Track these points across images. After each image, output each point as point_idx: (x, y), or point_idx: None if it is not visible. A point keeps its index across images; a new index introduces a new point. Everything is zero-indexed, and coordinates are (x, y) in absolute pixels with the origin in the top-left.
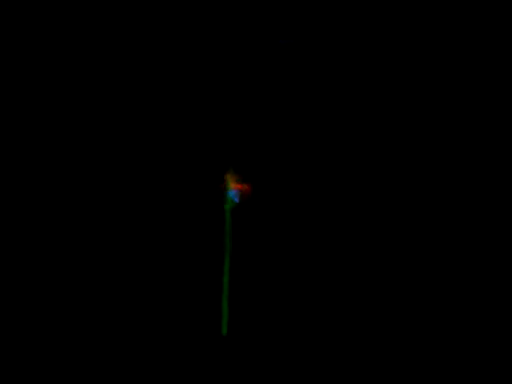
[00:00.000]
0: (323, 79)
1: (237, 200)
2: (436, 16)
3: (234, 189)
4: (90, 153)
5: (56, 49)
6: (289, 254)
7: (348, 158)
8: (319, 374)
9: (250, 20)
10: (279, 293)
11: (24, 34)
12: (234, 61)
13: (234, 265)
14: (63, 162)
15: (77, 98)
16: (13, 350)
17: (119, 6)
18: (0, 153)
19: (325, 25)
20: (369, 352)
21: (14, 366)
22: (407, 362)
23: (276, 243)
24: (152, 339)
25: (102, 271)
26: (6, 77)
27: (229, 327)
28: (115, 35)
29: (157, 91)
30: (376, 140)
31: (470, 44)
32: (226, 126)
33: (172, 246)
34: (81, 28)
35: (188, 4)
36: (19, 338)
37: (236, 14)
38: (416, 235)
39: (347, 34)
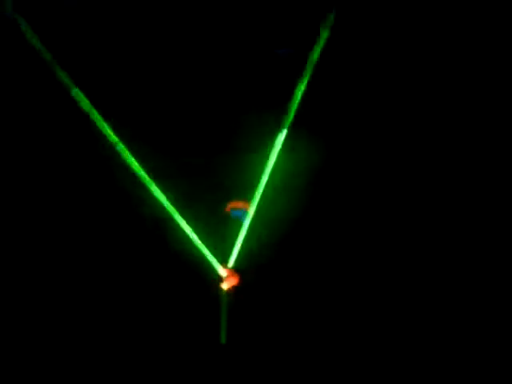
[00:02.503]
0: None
1: (244, 219)
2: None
3: (240, 209)
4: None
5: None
6: (287, 264)
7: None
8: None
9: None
10: (278, 303)
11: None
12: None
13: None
14: (62, 162)
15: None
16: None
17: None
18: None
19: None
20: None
21: (14, 366)
22: (407, 362)
23: (275, 253)
24: (152, 348)
25: (102, 280)
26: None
27: (227, 336)
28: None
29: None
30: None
31: (470, 44)
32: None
33: (172, 256)
34: (81, 28)
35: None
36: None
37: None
38: (417, 237)
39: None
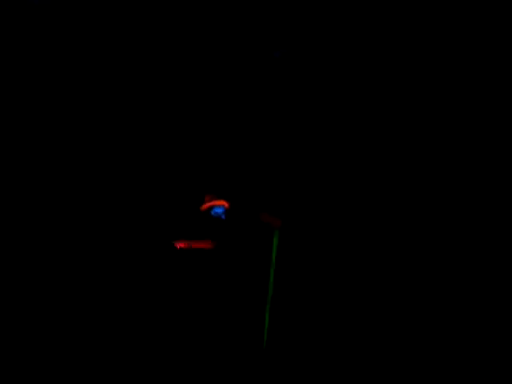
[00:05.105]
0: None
1: (223, 217)
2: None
3: (219, 206)
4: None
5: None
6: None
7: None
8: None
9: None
10: (321, 308)
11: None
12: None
13: (278, 279)
14: (63, 162)
15: (76, 99)
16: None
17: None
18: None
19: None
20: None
21: (14, 366)
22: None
23: (318, 257)
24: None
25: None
26: (6, 77)
27: (269, 341)
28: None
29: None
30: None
31: (470, 44)
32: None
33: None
34: (81, 28)
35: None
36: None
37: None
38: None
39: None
